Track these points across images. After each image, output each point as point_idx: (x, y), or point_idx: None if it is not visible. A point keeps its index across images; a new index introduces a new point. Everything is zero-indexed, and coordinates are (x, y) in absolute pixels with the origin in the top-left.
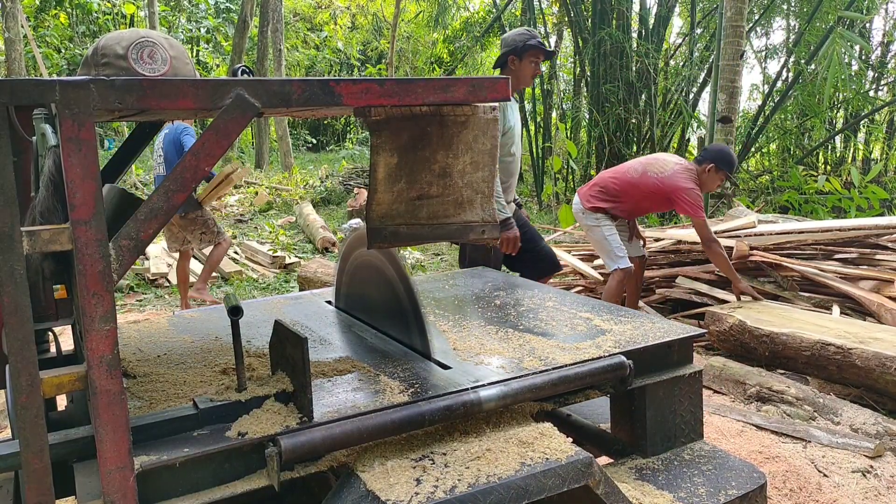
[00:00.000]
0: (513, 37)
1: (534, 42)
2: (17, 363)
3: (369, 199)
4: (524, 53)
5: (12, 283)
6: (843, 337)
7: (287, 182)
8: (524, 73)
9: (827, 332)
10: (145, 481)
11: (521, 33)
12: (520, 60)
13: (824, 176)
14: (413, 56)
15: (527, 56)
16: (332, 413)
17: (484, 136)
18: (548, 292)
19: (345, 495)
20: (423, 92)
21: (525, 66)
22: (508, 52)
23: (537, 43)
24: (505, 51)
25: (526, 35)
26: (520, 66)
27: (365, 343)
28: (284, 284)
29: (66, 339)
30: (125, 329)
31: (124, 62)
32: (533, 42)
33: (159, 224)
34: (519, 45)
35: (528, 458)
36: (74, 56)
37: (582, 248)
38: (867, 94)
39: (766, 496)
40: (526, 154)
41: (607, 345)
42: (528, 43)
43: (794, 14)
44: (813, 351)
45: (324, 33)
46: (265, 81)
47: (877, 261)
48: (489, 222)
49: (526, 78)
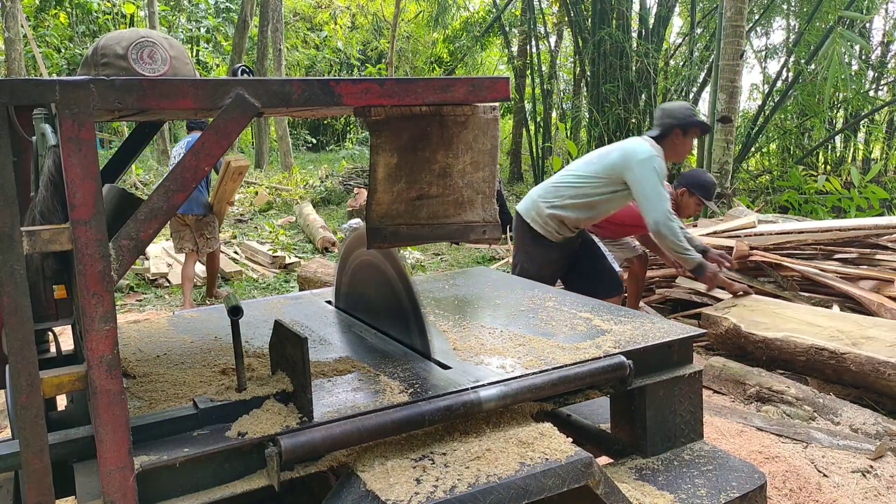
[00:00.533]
0: (680, 110)
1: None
2: (17, 363)
3: (369, 199)
4: (689, 129)
5: (12, 283)
6: (836, 338)
7: (287, 182)
8: (683, 149)
9: (820, 334)
10: (145, 481)
11: (688, 108)
12: (684, 135)
13: (824, 176)
14: (413, 56)
15: (691, 132)
16: (332, 413)
17: (484, 136)
18: (548, 292)
19: (345, 495)
20: (423, 92)
21: (687, 142)
22: (675, 124)
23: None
24: (670, 122)
25: (691, 111)
26: (682, 140)
27: (365, 343)
28: (284, 284)
29: (66, 340)
30: (125, 329)
31: (124, 62)
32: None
33: (159, 224)
34: (687, 120)
35: (527, 458)
36: (74, 56)
37: None
38: (867, 93)
39: (766, 496)
40: (526, 154)
41: (607, 345)
42: (696, 119)
43: (794, 14)
44: (808, 356)
45: (324, 33)
46: (265, 81)
47: (877, 261)
48: (490, 222)
49: (683, 153)
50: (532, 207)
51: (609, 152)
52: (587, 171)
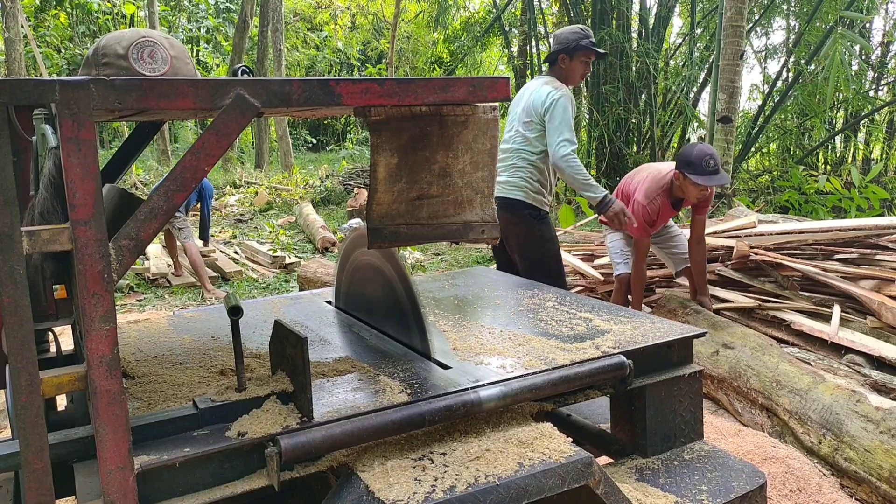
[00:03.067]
0: (565, 35)
1: (586, 42)
2: (17, 363)
3: (369, 198)
4: (576, 53)
5: (12, 283)
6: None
7: (287, 182)
8: (574, 73)
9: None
10: (145, 481)
11: (574, 31)
12: (570, 59)
13: (824, 176)
14: (413, 56)
15: (578, 55)
16: (332, 413)
17: (484, 136)
18: (548, 292)
19: (345, 495)
20: (423, 92)
21: (575, 65)
22: (559, 49)
23: (589, 43)
24: (556, 48)
25: (579, 34)
26: (570, 64)
27: (365, 343)
28: (284, 284)
29: (66, 340)
30: (125, 329)
31: (125, 62)
32: (585, 42)
33: (159, 224)
34: (571, 43)
35: (527, 458)
36: (74, 56)
37: (582, 248)
38: (867, 94)
39: (766, 496)
40: None
41: (607, 345)
42: (581, 43)
43: (794, 14)
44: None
45: (324, 33)
46: (265, 81)
47: (877, 261)
48: (489, 222)
49: (575, 77)
50: (513, 186)
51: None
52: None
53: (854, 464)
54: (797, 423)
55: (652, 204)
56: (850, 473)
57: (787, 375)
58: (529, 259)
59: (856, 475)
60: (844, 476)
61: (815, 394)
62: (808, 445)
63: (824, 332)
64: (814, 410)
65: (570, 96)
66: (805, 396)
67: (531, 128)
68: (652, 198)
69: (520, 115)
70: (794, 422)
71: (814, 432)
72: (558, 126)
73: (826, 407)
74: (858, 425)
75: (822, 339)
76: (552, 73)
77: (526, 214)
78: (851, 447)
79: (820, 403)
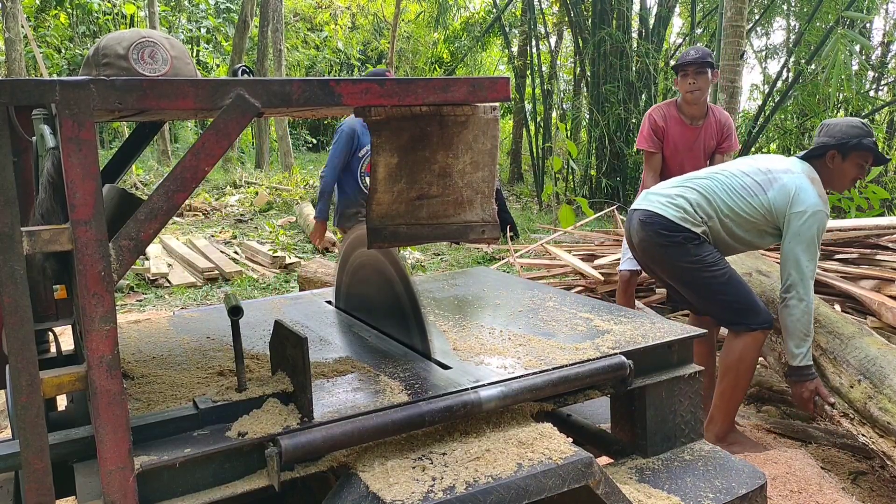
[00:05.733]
0: (843, 128)
1: (868, 142)
2: (17, 363)
3: (369, 199)
4: (852, 152)
5: (12, 283)
6: None
7: (287, 182)
8: (844, 177)
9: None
10: (145, 481)
11: (853, 126)
12: (844, 159)
13: None
14: (413, 56)
15: (854, 157)
16: (332, 413)
17: (484, 136)
18: (548, 292)
19: (345, 495)
20: (423, 92)
21: (848, 167)
22: (832, 145)
23: (872, 143)
24: (825, 141)
25: (861, 131)
26: (841, 165)
27: (365, 343)
28: (284, 284)
29: (66, 340)
30: (125, 329)
31: (125, 62)
32: (868, 142)
33: (159, 224)
34: (850, 140)
35: (527, 458)
36: (74, 56)
37: (582, 248)
38: (867, 94)
39: (767, 496)
40: (526, 154)
41: (607, 345)
42: (863, 141)
43: (794, 14)
44: None
45: (324, 33)
46: (265, 81)
47: (877, 261)
48: (489, 222)
49: (844, 182)
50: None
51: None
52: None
53: (889, 414)
54: (829, 361)
55: (656, 111)
56: (881, 423)
57: (828, 318)
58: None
59: (887, 426)
60: (868, 424)
61: (859, 342)
62: (836, 385)
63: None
64: (853, 356)
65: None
66: (846, 342)
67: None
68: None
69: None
70: (825, 360)
71: (847, 375)
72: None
73: (870, 357)
74: None
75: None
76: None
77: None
78: (892, 400)
79: (863, 352)
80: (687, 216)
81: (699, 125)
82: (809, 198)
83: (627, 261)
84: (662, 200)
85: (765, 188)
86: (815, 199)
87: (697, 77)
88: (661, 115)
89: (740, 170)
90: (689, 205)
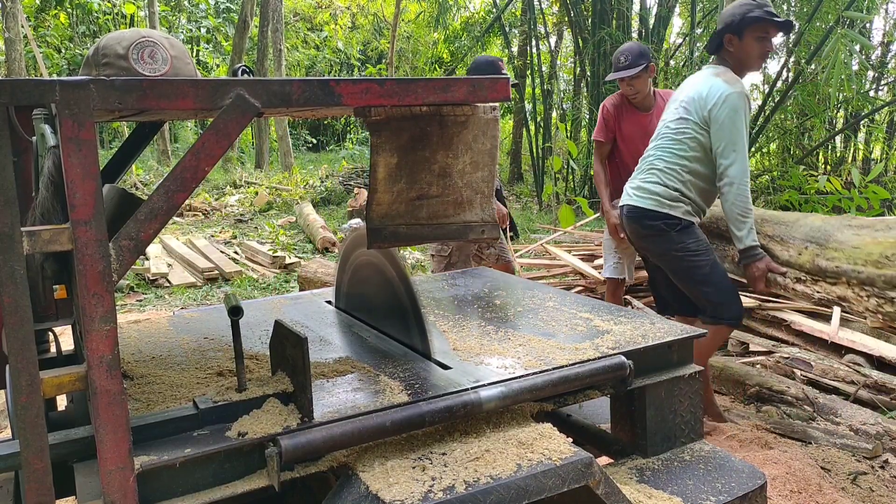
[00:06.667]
0: (730, 11)
1: (758, 13)
2: (17, 363)
3: (369, 199)
4: (745, 29)
5: (12, 283)
6: None
7: (287, 182)
8: (748, 55)
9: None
10: (145, 481)
11: (740, 4)
12: (740, 39)
13: (825, 176)
14: (413, 56)
15: (749, 32)
16: (332, 413)
17: (484, 136)
18: (548, 292)
19: (345, 495)
20: (423, 92)
21: (748, 44)
22: (723, 29)
23: (763, 13)
24: (719, 28)
25: (747, 6)
26: (740, 45)
27: (365, 343)
28: (284, 284)
29: (66, 340)
30: (125, 329)
31: (125, 62)
32: (757, 13)
33: (159, 224)
34: (737, 18)
35: (527, 458)
36: (74, 56)
37: (582, 248)
38: (867, 94)
39: (767, 496)
40: (526, 154)
41: (607, 345)
42: (750, 15)
43: (794, 14)
44: None
45: (324, 33)
46: (265, 81)
47: None
48: (488, 222)
49: (751, 59)
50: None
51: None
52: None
53: (835, 261)
54: (777, 243)
55: (609, 101)
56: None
57: (773, 215)
58: (679, 277)
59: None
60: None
61: (803, 221)
62: (785, 259)
63: (824, 332)
64: (799, 232)
65: (745, 94)
66: (791, 225)
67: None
68: (610, 98)
69: (674, 110)
70: (773, 243)
71: (794, 247)
72: (728, 134)
73: (814, 227)
74: (850, 233)
75: (822, 339)
76: (720, 62)
77: (659, 226)
78: (837, 250)
79: (807, 227)
80: (661, 198)
81: (651, 112)
82: (717, 89)
83: (610, 268)
84: (637, 192)
85: (687, 116)
86: (722, 87)
87: (634, 81)
88: (613, 106)
89: (664, 122)
90: (658, 184)
